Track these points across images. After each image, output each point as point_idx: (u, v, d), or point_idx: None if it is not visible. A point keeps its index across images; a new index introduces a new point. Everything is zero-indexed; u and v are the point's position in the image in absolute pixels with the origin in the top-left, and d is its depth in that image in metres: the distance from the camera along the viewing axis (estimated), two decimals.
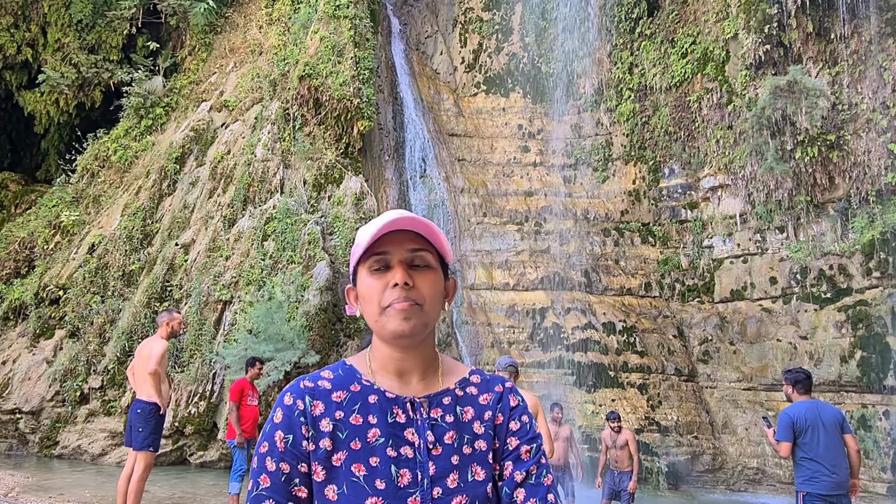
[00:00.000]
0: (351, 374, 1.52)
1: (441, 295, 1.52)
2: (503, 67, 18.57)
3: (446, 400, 1.50)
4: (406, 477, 1.40)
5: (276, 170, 14.71)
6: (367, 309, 1.49)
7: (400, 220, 1.46)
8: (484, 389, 1.56)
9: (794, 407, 5.90)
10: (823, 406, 5.91)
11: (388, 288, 1.44)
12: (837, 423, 5.73)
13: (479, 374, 1.60)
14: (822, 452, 5.65)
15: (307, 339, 11.96)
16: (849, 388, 12.86)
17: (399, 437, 1.43)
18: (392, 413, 1.45)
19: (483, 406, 1.53)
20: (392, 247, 1.46)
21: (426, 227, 1.48)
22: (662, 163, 16.37)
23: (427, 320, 1.47)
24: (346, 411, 1.45)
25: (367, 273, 1.48)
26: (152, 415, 6.97)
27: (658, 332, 15.33)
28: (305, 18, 16.84)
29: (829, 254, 13.50)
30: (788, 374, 6.11)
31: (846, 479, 5.68)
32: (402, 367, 1.51)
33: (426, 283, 1.47)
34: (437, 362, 1.57)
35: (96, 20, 18.99)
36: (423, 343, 1.51)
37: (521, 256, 16.31)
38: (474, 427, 1.49)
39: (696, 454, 13.98)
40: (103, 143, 17.33)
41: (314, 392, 1.47)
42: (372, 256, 1.47)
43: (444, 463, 1.43)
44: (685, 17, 16.40)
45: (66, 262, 15.06)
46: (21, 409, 13.28)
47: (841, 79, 13.54)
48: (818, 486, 5.66)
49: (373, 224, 1.49)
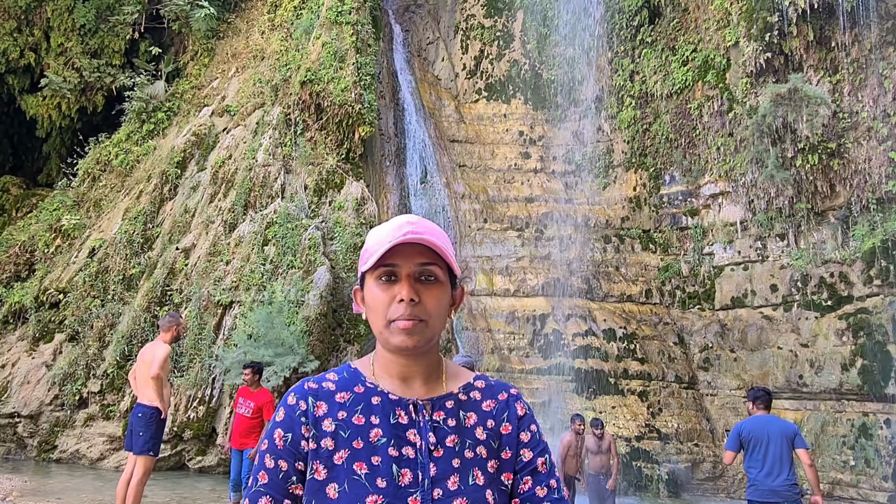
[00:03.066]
0: (355, 376, 1.54)
1: (447, 308, 1.52)
2: (504, 74, 18.62)
3: (449, 404, 1.51)
4: (407, 476, 1.41)
5: (277, 175, 14.73)
6: (372, 318, 1.50)
7: (411, 233, 1.44)
8: (488, 396, 1.56)
9: (745, 421, 6.47)
10: (775, 421, 6.36)
11: (394, 302, 1.44)
12: (786, 437, 6.16)
13: (484, 380, 1.60)
14: (763, 463, 6.14)
15: (307, 343, 11.94)
16: (849, 397, 12.83)
17: (401, 437, 1.45)
18: (394, 414, 1.47)
19: (486, 413, 1.53)
20: (401, 259, 1.45)
21: (436, 243, 1.46)
22: (663, 170, 16.39)
23: (431, 335, 1.47)
24: (348, 411, 1.47)
25: (375, 282, 1.48)
26: (153, 419, 6.95)
27: (658, 339, 15.31)
28: (307, 24, 16.90)
29: (830, 261, 13.50)
30: (750, 392, 6.67)
31: (785, 487, 6.07)
32: (405, 373, 1.52)
33: (432, 299, 1.46)
34: (441, 367, 1.57)
35: (99, 25, 19.04)
36: (427, 352, 1.52)
37: (522, 262, 16.30)
38: (476, 432, 1.50)
39: (697, 462, 13.94)
40: (105, 147, 17.36)
41: (318, 393, 1.50)
42: (380, 267, 1.47)
43: (445, 465, 1.43)
44: (686, 25, 16.45)
45: (66, 266, 15.05)
46: (20, 413, 13.24)
47: (842, 87, 13.58)
48: (753, 493, 6.22)
49: (384, 231, 1.49)
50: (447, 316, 1.52)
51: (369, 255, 1.48)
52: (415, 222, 1.48)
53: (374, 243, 1.48)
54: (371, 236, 1.51)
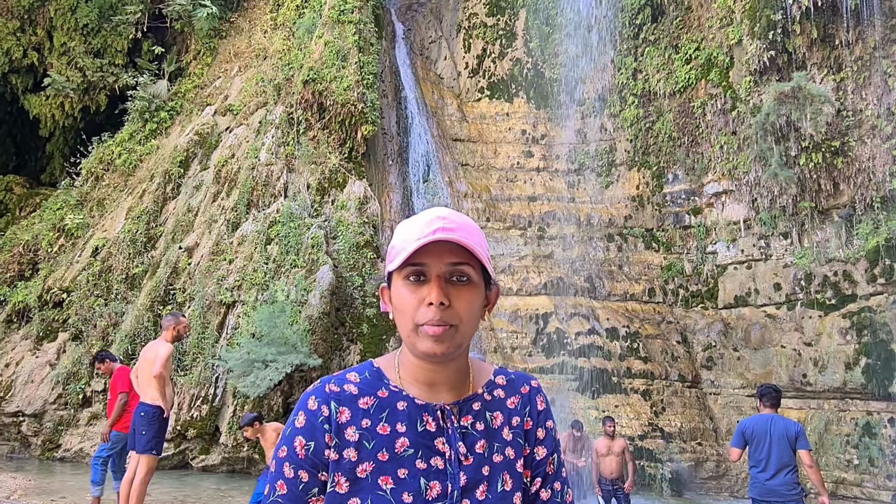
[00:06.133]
0: (378, 377, 1.44)
1: (479, 311, 1.41)
2: (507, 73, 18.59)
3: (476, 406, 1.45)
4: (435, 489, 1.34)
5: (279, 174, 14.73)
6: (400, 320, 1.39)
7: (442, 230, 1.33)
8: (510, 392, 1.50)
9: (750, 418, 6.52)
10: (778, 420, 6.38)
11: (422, 305, 1.34)
12: (787, 437, 6.16)
13: (504, 375, 1.54)
14: (764, 462, 6.16)
15: (310, 342, 11.95)
16: (853, 396, 12.79)
17: (429, 447, 1.37)
18: (422, 421, 1.39)
19: (511, 410, 1.47)
20: (430, 259, 1.34)
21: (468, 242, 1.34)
22: (666, 168, 16.35)
23: (462, 341, 1.37)
24: (373, 419, 1.38)
25: (403, 282, 1.37)
26: (156, 418, 6.96)
27: (661, 337, 15.28)
28: (310, 23, 16.89)
29: (834, 260, 13.45)
30: (759, 388, 6.74)
31: (784, 488, 6.08)
32: (432, 378, 1.43)
33: (463, 302, 1.35)
34: (469, 368, 1.49)
35: (102, 25, 19.07)
36: (457, 357, 1.42)
37: (525, 261, 16.29)
38: (503, 434, 1.44)
39: (700, 461, 13.91)
40: (108, 146, 17.39)
41: (340, 397, 1.40)
42: (408, 266, 1.35)
43: (474, 473, 1.37)
44: (689, 23, 16.41)
45: (69, 266, 15.09)
46: (24, 412, 13.28)
47: (845, 85, 13.53)
48: (753, 491, 6.29)
49: (413, 226, 1.37)
50: (479, 318, 1.42)
51: (396, 252, 1.37)
52: (446, 217, 1.36)
53: (401, 240, 1.37)
54: (399, 232, 1.40)
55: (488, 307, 1.46)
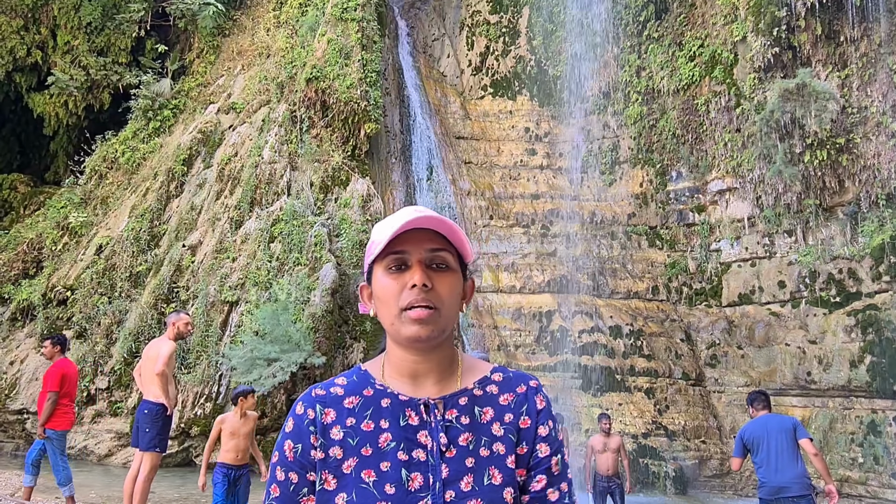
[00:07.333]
0: (364, 378, 1.49)
1: (459, 297, 1.47)
2: (510, 70, 18.56)
3: (462, 400, 1.46)
4: (417, 480, 1.36)
5: (282, 172, 14.74)
6: (382, 310, 1.45)
7: (420, 218, 1.41)
8: (505, 389, 1.50)
9: (747, 425, 6.45)
10: (774, 418, 6.35)
11: (405, 289, 1.40)
12: (786, 430, 6.12)
13: (502, 372, 1.54)
14: (768, 460, 6.10)
15: (313, 340, 11.95)
16: (858, 394, 12.75)
17: (411, 440, 1.40)
18: (405, 416, 1.42)
19: (504, 407, 1.47)
20: (410, 246, 1.42)
21: (446, 227, 1.44)
22: (670, 166, 16.31)
23: (445, 325, 1.42)
24: (357, 417, 1.43)
25: (384, 272, 1.44)
26: (159, 416, 6.97)
27: (665, 335, 15.25)
28: (313, 21, 16.89)
29: (839, 258, 13.40)
30: (748, 398, 6.68)
31: (794, 479, 6.00)
32: (416, 370, 1.46)
33: (445, 286, 1.42)
34: (457, 362, 1.51)
35: (105, 23, 19.09)
36: (441, 346, 1.46)
37: (528, 259, 16.27)
38: (493, 429, 1.44)
39: (704, 459, 13.89)
40: (111, 145, 17.42)
41: (325, 400, 1.45)
42: (389, 255, 1.43)
43: (457, 465, 1.38)
44: (693, 20, 16.34)
45: (73, 264, 15.12)
46: (28, 410, 13.32)
47: (850, 82, 13.46)
48: (763, 492, 6.18)
49: (390, 221, 1.44)
50: (459, 309, 1.48)
51: (376, 245, 1.45)
52: (422, 210, 1.45)
53: (379, 234, 1.44)
54: (376, 229, 1.48)
55: (465, 300, 1.51)
